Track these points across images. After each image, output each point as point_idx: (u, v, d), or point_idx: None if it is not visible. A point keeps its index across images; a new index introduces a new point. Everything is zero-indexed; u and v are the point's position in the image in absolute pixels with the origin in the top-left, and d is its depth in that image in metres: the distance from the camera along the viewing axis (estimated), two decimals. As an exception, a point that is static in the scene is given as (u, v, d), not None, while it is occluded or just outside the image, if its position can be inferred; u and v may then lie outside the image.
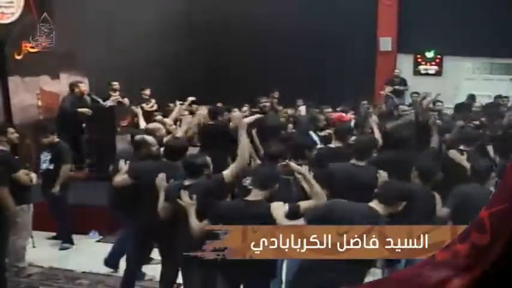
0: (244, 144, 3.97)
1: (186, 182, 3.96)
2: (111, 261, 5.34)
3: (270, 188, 3.59)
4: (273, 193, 3.60)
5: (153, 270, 4.95)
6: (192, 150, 5.82)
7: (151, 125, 5.77)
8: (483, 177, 4.31)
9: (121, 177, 4.56)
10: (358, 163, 4.53)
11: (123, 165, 4.61)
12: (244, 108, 8.05)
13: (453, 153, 5.30)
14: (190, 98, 7.17)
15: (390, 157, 4.98)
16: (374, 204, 3.32)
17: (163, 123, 6.06)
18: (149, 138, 4.98)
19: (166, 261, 4.51)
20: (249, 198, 3.59)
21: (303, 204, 3.60)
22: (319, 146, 5.47)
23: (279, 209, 3.42)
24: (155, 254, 4.84)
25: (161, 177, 4.14)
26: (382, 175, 4.21)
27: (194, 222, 3.69)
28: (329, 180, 4.20)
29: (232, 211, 3.52)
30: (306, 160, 4.48)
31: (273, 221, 3.34)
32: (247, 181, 4.96)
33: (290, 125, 7.47)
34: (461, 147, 5.36)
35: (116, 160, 4.89)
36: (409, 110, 8.25)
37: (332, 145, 5.44)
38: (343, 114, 7.30)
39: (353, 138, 5.48)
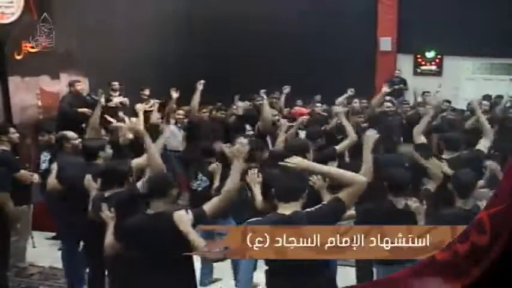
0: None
1: (106, 193, 3.77)
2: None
3: (169, 197, 3.28)
4: (174, 202, 3.32)
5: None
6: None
7: (113, 124, 5.85)
8: (467, 191, 3.59)
9: (52, 181, 4.65)
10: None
11: (54, 167, 4.73)
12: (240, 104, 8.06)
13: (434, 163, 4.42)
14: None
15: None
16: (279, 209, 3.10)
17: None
18: (69, 133, 5.09)
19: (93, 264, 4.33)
20: (151, 211, 3.27)
21: (208, 206, 3.33)
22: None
23: (184, 220, 3.13)
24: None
25: (88, 178, 4.03)
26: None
27: (109, 238, 3.40)
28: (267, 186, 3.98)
29: (135, 227, 3.24)
30: (257, 162, 4.48)
31: (178, 233, 3.08)
32: (195, 183, 5.01)
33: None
34: (445, 155, 4.80)
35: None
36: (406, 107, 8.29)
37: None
38: (303, 109, 7.35)
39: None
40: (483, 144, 4.99)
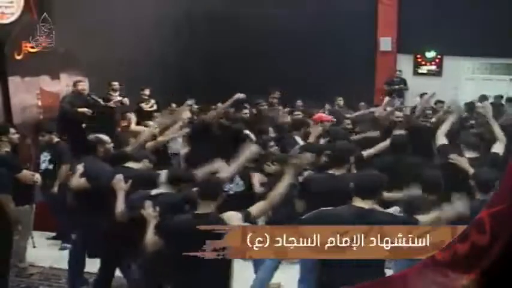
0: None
1: (153, 192, 3.85)
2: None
3: (217, 200, 3.37)
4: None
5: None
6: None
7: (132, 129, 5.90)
8: (487, 188, 3.77)
9: (77, 180, 4.62)
10: (336, 172, 4.23)
11: (80, 168, 4.70)
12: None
13: (457, 159, 4.77)
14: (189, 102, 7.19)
15: (391, 161, 4.88)
16: (357, 202, 3.26)
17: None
18: (105, 137, 5.03)
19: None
20: (199, 211, 3.34)
21: (254, 209, 3.45)
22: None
23: (234, 220, 3.23)
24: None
25: (118, 178, 4.07)
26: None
27: (150, 235, 3.48)
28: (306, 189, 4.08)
29: (182, 226, 3.28)
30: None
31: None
32: (228, 186, 4.97)
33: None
34: (466, 154, 4.91)
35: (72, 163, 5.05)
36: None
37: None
38: (323, 115, 7.19)
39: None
40: (498, 147, 5.03)
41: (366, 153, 5.25)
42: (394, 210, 3.79)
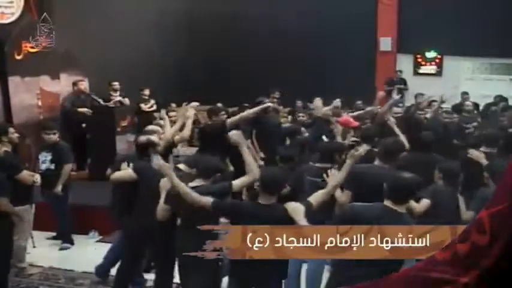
0: (250, 160, 3.89)
1: (192, 184, 3.91)
2: (101, 270, 5.16)
3: (278, 192, 3.51)
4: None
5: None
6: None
7: (151, 127, 5.75)
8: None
9: (122, 172, 4.62)
10: (383, 165, 4.32)
11: (125, 166, 4.67)
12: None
13: (474, 153, 4.98)
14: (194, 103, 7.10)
15: (415, 158, 4.91)
16: (388, 203, 3.29)
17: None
18: (155, 139, 4.94)
19: (162, 267, 4.42)
20: (261, 201, 3.47)
21: (314, 200, 3.54)
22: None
23: (298, 210, 3.34)
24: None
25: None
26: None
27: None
28: (354, 181, 4.08)
29: (251, 214, 3.39)
30: (336, 164, 4.47)
31: (289, 223, 3.26)
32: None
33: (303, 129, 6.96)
34: (483, 148, 5.15)
35: (116, 162, 4.91)
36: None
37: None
38: (351, 120, 7.07)
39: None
40: None
41: None
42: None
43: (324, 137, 6.14)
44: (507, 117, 7.13)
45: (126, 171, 4.63)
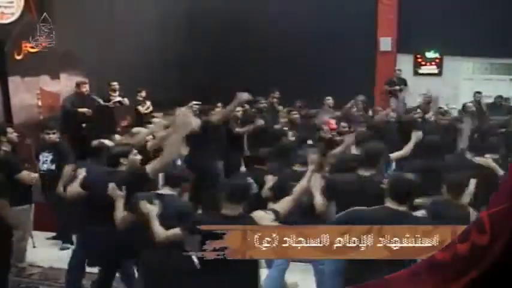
0: (172, 140, 3.88)
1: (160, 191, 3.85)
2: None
3: (245, 202, 3.37)
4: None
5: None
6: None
7: (136, 129, 5.74)
8: None
9: (75, 188, 4.35)
10: (365, 173, 4.14)
11: (82, 172, 4.44)
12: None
13: (481, 160, 4.88)
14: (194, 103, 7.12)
15: (422, 165, 4.82)
16: (389, 204, 3.31)
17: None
18: (107, 142, 4.90)
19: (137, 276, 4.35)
20: (225, 212, 3.30)
21: (281, 207, 3.49)
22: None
23: (266, 220, 3.26)
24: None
25: (112, 186, 3.92)
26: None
27: (156, 227, 3.50)
28: (335, 191, 4.06)
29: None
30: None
31: None
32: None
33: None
34: (487, 155, 5.00)
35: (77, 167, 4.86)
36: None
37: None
38: (331, 122, 7.08)
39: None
40: None
41: (393, 155, 5.24)
42: (422, 214, 3.75)
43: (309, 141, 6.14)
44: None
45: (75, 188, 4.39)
